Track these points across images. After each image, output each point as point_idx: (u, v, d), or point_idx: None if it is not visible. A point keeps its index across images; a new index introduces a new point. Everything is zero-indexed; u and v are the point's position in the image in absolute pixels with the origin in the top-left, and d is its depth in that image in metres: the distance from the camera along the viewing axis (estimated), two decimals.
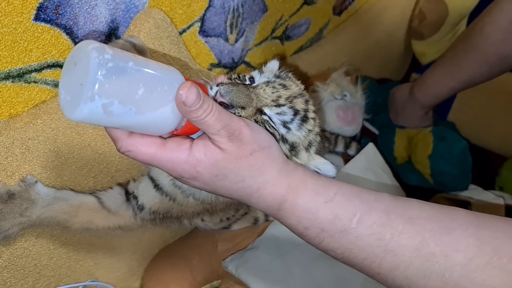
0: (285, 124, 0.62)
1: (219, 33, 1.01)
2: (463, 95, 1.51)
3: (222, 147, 0.53)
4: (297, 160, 0.64)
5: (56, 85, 0.76)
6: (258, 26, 1.13)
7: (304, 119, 0.64)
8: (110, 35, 0.80)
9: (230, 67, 1.11)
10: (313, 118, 0.67)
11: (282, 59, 1.07)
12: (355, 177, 0.95)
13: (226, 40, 1.04)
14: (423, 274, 0.52)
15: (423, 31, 1.67)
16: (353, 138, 1.30)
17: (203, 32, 0.98)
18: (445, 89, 1.27)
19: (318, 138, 0.68)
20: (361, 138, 1.32)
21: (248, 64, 1.18)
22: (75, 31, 0.74)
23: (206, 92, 0.57)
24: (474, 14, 1.63)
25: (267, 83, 0.64)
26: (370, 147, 1.03)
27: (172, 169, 0.54)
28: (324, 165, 0.65)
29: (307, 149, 0.66)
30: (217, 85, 0.59)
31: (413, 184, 1.38)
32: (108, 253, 0.97)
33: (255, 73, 0.66)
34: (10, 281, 0.79)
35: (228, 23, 1.02)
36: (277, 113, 0.62)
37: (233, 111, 0.58)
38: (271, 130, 0.61)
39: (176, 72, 0.53)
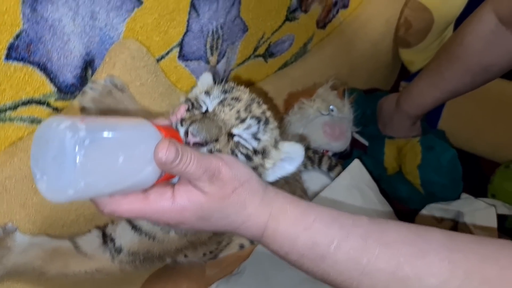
0: (255, 136, 0.63)
1: (199, 56, 1.01)
2: (452, 103, 1.50)
3: (204, 190, 0.54)
4: (269, 161, 0.66)
5: (32, 121, 0.76)
6: (240, 46, 1.14)
7: (266, 121, 0.65)
8: (85, 68, 0.80)
9: None
10: (270, 117, 0.68)
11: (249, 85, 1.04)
12: (340, 195, 0.94)
13: (207, 62, 1.05)
14: None
15: (410, 39, 1.67)
16: (342, 153, 1.30)
17: (182, 56, 0.98)
18: (430, 99, 1.26)
19: (278, 131, 0.70)
20: (351, 152, 1.32)
21: None
22: (49, 67, 0.74)
23: (179, 139, 0.58)
24: (461, 19, 1.63)
25: (222, 102, 0.63)
26: (356, 164, 1.02)
27: (158, 219, 0.55)
28: (291, 147, 0.68)
29: (275, 146, 0.67)
30: (181, 122, 0.59)
31: (404, 195, 1.38)
32: (96, 283, 0.96)
33: (203, 96, 0.66)
34: None
35: (208, 46, 1.02)
36: (245, 129, 0.63)
37: (208, 147, 0.58)
38: (244, 152, 0.62)
39: (148, 125, 0.53)
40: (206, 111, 0.64)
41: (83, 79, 0.80)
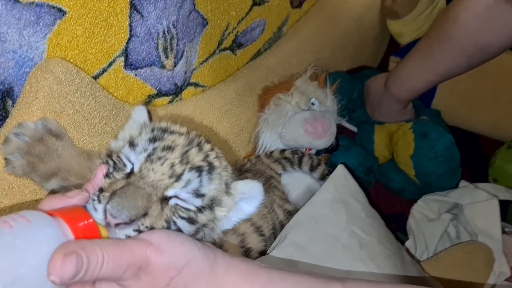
0: (197, 193, 0.51)
1: (150, 62, 0.88)
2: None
3: None
4: (221, 209, 0.55)
5: None
6: (200, 42, 0.99)
7: (210, 168, 0.53)
8: (3, 99, 0.67)
9: (174, 93, 0.98)
10: (216, 158, 0.56)
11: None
12: (323, 211, 0.83)
13: (162, 66, 0.91)
14: None
15: (398, 10, 1.51)
16: (327, 148, 1.17)
17: (129, 65, 0.84)
18: (422, 83, 1.13)
19: (230, 169, 0.59)
20: (337, 146, 1.19)
21: (196, 85, 1.04)
22: None
23: (94, 228, 0.44)
24: None
25: (149, 158, 0.50)
26: (340, 171, 0.90)
27: None
28: (246, 186, 0.58)
29: (227, 191, 0.56)
30: (98, 196, 0.46)
31: (398, 186, 1.27)
32: None
33: (127, 151, 0.52)
34: None
35: (160, 49, 0.88)
36: (183, 187, 0.50)
37: (135, 227, 0.46)
38: (184, 215, 0.50)
39: (43, 222, 0.39)
40: (132, 171, 0.50)
41: (1, 112, 0.67)
